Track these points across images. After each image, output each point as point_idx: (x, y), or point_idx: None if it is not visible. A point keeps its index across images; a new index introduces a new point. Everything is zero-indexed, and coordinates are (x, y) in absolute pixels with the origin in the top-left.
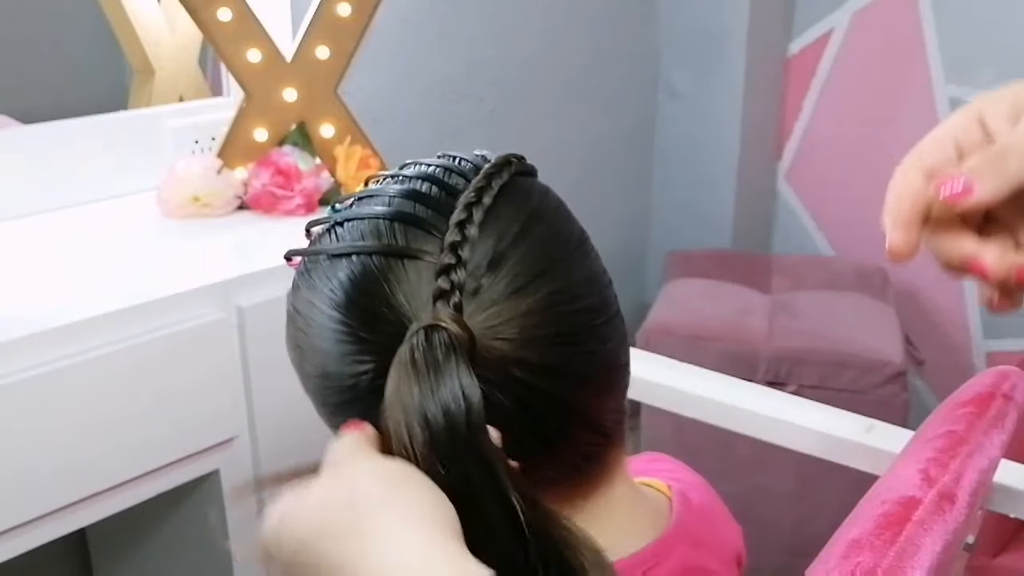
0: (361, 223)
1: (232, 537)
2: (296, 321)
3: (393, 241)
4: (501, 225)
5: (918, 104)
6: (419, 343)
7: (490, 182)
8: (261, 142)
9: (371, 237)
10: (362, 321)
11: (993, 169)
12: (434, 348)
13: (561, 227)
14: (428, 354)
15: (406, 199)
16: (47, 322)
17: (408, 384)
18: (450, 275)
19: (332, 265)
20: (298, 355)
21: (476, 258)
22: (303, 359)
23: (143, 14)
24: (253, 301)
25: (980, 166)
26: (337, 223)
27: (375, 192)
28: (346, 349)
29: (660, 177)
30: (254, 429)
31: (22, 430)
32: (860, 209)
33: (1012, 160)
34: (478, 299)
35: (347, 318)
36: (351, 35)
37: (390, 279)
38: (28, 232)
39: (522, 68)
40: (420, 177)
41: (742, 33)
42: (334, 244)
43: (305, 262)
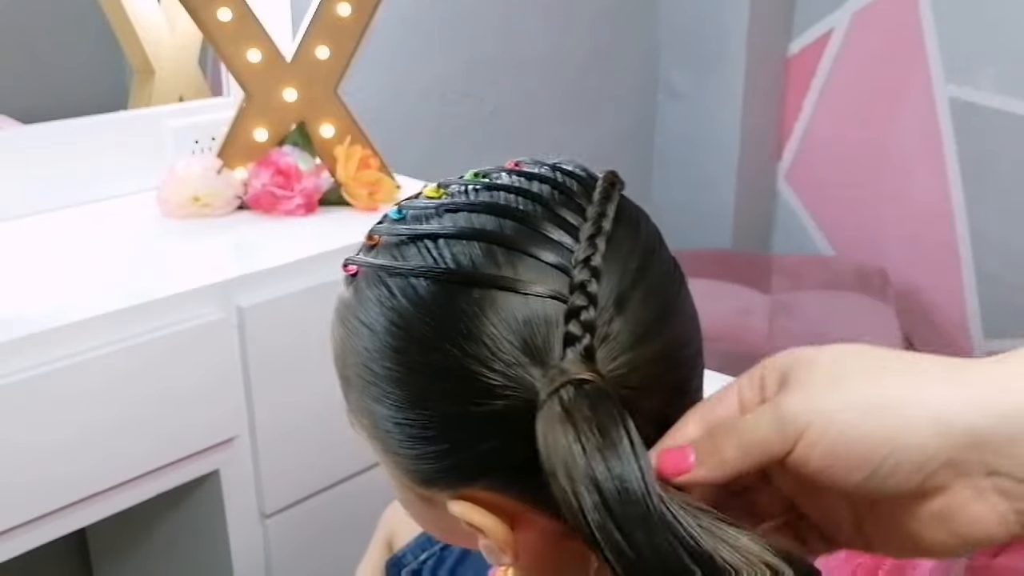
0: (468, 245)
1: (232, 537)
2: (367, 340)
3: (509, 271)
4: (622, 261)
5: (918, 104)
6: (569, 398)
7: (606, 209)
8: (261, 142)
9: (487, 264)
10: (477, 359)
11: (708, 450)
12: (591, 403)
13: (668, 259)
14: (584, 410)
15: (512, 220)
16: (47, 322)
17: (568, 445)
18: (580, 317)
19: (428, 286)
20: (364, 375)
21: (602, 299)
22: (371, 382)
23: (143, 14)
24: (253, 301)
25: (699, 450)
26: (427, 236)
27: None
28: (450, 387)
29: (660, 177)
30: (254, 429)
31: (22, 430)
32: (860, 209)
33: (727, 449)
34: (607, 346)
35: (454, 352)
36: (351, 35)
37: (504, 313)
38: (28, 232)
39: (522, 68)
40: (518, 192)
41: (742, 33)
42: (427, 261)
43: (379, 274)
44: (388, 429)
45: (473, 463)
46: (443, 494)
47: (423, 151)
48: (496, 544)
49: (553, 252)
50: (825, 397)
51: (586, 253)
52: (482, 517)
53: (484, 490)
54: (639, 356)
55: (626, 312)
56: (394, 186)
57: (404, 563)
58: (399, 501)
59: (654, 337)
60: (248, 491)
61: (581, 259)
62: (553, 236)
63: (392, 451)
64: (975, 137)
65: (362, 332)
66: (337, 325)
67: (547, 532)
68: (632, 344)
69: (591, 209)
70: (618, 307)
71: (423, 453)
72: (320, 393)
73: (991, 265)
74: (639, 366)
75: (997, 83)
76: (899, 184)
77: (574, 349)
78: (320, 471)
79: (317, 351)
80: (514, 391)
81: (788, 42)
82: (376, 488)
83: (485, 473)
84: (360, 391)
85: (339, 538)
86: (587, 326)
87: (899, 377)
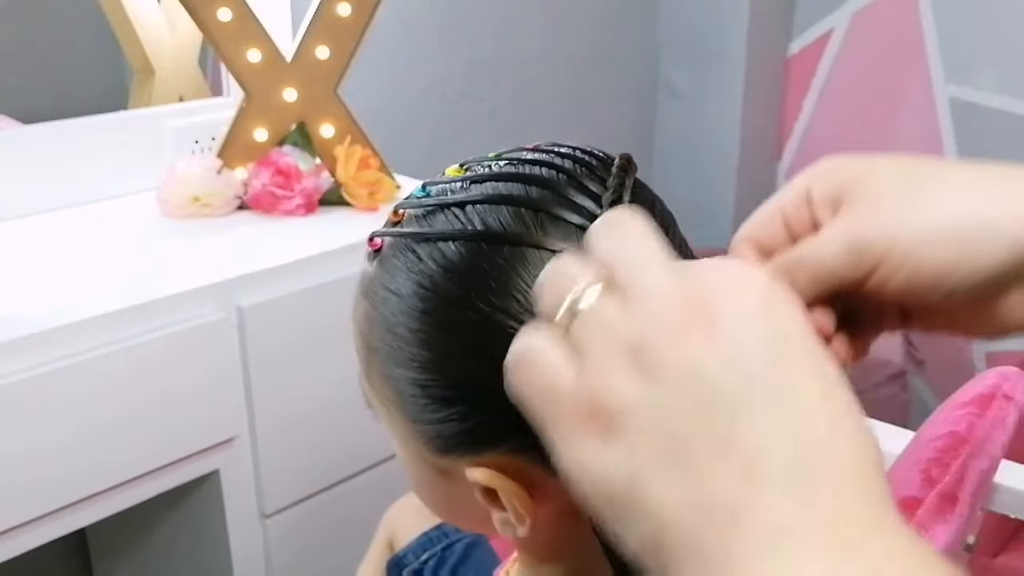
0: (495, 208)
1: (232, 537)
2: (394, 305)
3: (540, 231)
4: None
5: (918, 104)
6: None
7: (624, 180)
8: (261, 142)
9: (515, 223)
10: (506, 312)
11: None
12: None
13: (682, 239)
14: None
15: (538, 186)
16: (47, 322)
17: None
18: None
19: (458, 248)
20: (390, 342)
21: None
22: (397, 347)
23: (143, 14)
24: (253, 301)
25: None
26: (455, 204)
27: (493, 175)
28: (477, 341)
29: (660, 177)
30: (254, 429)
31: (22, 430)
32: None
33: (799, 278)
34: None
35: (484, 307)
36: (351, 35)
37: (531, 270)
38: (28, 232)
39: (522, 68)
40: (541, 164)
41: (742, 33)
42: (456, 226)
43: (406, 242)
44: (413, 394)
45: (498, 423)
46: (463, 461)
47: (423, 151)
48: (514, 513)
49: (578, 215)
50: (898, 221)
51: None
52: (504, 482)
53: (505, 455)
54: None
55: None
56: (394, 186)
57: (405, 563)
58: (413, 483)
59: None
60: (248, 491)
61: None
62: (577, 200)
63: (414, 419)
64: (975, 137)
65: (389, 299)
66: (360, 300)
67: (562, 508)
68: None
69: (611, 180)
70: None
71: (447, 416)
72: (320, 393)
73: None
74: None
75: (997, 83)
76: None
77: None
78: (320, 471)
79: (317, 351)
80: None
81: (788, 42)
82: (376, 488)
83: (509, 434)
84: (384, 358)
85: (339, 538)
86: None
87: (963, 194)
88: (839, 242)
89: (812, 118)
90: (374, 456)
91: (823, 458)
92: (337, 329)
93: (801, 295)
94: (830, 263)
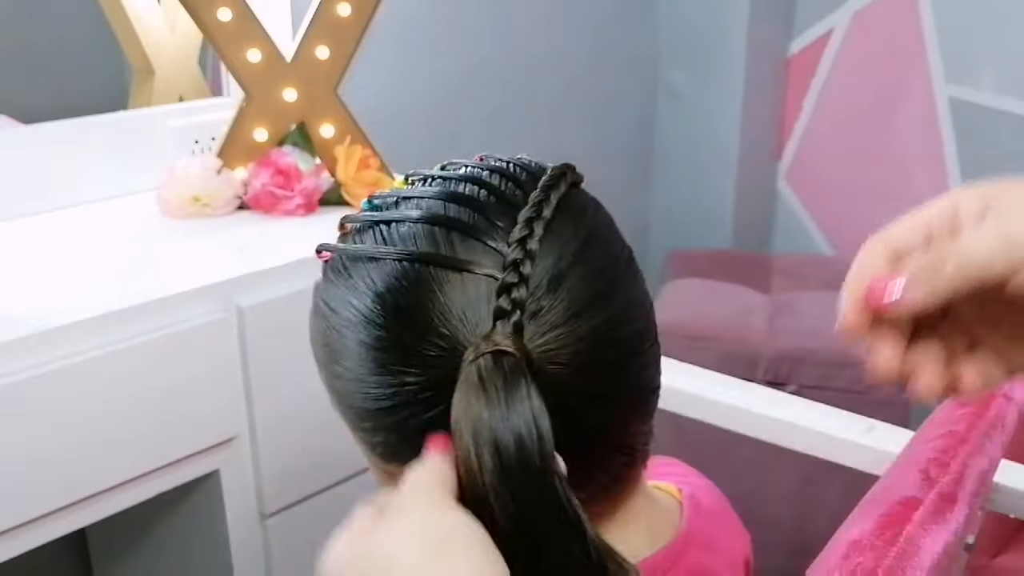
0: (413, 227)
1: (232, 537)
2: (329, 319)
3: (450, 251)
4: (560, 243)
5: (918, 104)
6: (486, 366)
7: (548, 195)
8: (261, 142)
9: (426, 243)
10: (412, 332)
11: (927, 276)
12: (503, 372)
13: (614, 246)
14: (497, 378)
15: (459, 205)
16: (47, 322)
17: (478, 409)
18: (511, 294)
19: (378, 267)
20: (327, 354)
21: (536, 278)
22: (333, 359)
23: (143, 14)
24: (253, 301)
25: (916, 272)
26: (383, 222)
27: (422, 193)
28: (390, 358)
29: (660, 177)
30: (254, 429)
31: (22, 430)
32: (860, 209)
33: (947, 268)
34: (537, 321)
35: (395, 326)
36: (351, 35)
37: (445, 290)
38: (28, 232)
39: (522, 68)
40: (469, 180)
41: (742, 33)
42: (380, 244)
43: (342, 258)
44: (350, 403)
45: (420, 434)
46: (404, 469)
47: (423, 151)
48: None
49: (495, 235)
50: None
51: (521, 234)
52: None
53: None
54: (570, 333)
55: (560, 291)
56: (394, 186)
57: None
58: (377, 484)
59: (587, 316)
60: (248, 491)
61: (516, 240)
62: (497, 221)
63: (356, 427)
64: (975, 137)
65: (326, 313)
66: (311, 311)
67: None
68: (564, 321)
69: (533, 195)
70: (552, 285)
71: (378, 426)
72: (320, 393)
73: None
74: (570, 343)
75: (997, 83)
76: (899, 184)
77: (504, 323)
78: (320, 471)
79: None
80: (449, 362)
81: (788, 42)
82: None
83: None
84: (325, 368)
85: None
86: (517, 303)
87: None
88: (990, 236)
89: (812, 118)
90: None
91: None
92: None
93: (947, 284)
94: (982, 253)
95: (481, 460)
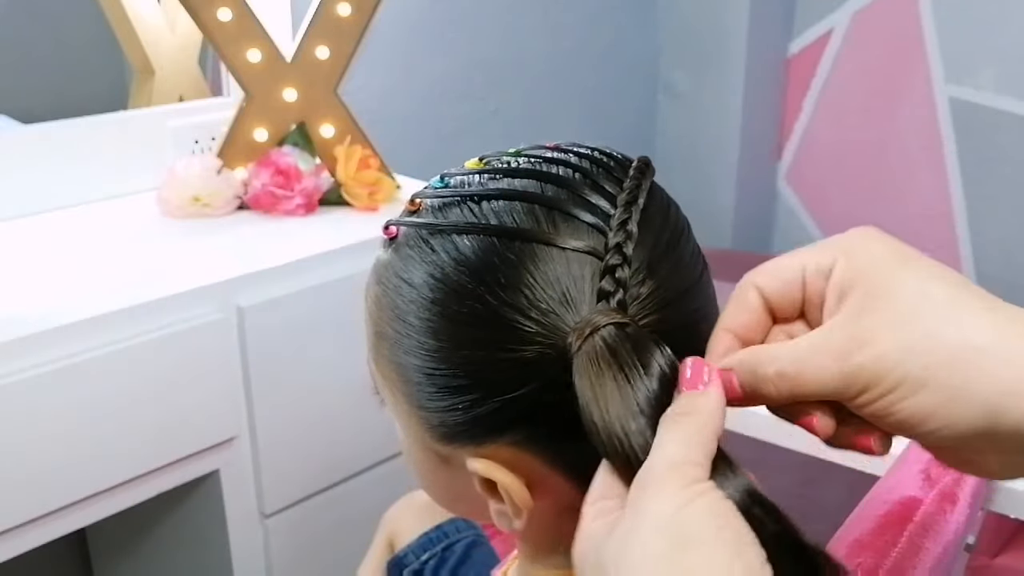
0: (509, 203)
1: (232, 537)
2: (405, 294)
3: (552, 228)
4: (654, 232)
5: (918, 104)
6: (611, 335)
7: (641, 183)
8: (261, 142)
9: (527, 219)
10: (511, 307)
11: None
12: (631, 341)
13: (695, 244)
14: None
15: (555, 185)
16: (47, 322)
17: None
18: (615, 274)
19: (473, 241)
20: (398, 329)
21: (635, 262)
22: (405, 335)
23: (143, 14)
24: (253, 301)
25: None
26: (471, 198)
27: (512, 172)
28: (482, 333)
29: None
30: (254, 429)
31: (22, 430)
32: (860, 209)
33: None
34: (638, 304)
35: (492, 301)
36: (351, 35)
37: (546, 266)
38: (28, 232)
39: (522, 68)
40: (559, 163)
41: (742, 33)
42: (470, 220)
43: (421, 233)
44: (419, 381)
45: (501, 413)
46: (464, 451)
47: (423, 151)
48: (511, 506)
49: (591, 214)
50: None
51: (622, 217)
52: (502, 475)
53: (507, 446)
54: (666, 319)
55: (655, 278)
56: (394, 186)
57: (406, 563)
58: (414, 470)
59: (680, 306)
60: (248, 491)
61: (618, 222)
62: (592, 200)
63: (420, 405)
64: (975, 137)
65: (401, 287)
66: (373, 285)
67: (561, 502)
68: (660, 307)
69: (628, 182)
70: (650, 271)
71: (452, 404)
72: (320, 393)
73: (991, 265)
74: (666, 330)
75: (997, 83)
76: (899, 184)
77: (607, 303)
78: (320, 471)
79: (317, 351)
80: (547, 339)
81: (788, 42)
82: (376, 488)
83: (512, 426)
84: (393, 344)
85: (339, 538)
86: (621, 283)
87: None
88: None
89: (812, 118)
90: (374, 456)
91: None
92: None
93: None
94: (817, 381)
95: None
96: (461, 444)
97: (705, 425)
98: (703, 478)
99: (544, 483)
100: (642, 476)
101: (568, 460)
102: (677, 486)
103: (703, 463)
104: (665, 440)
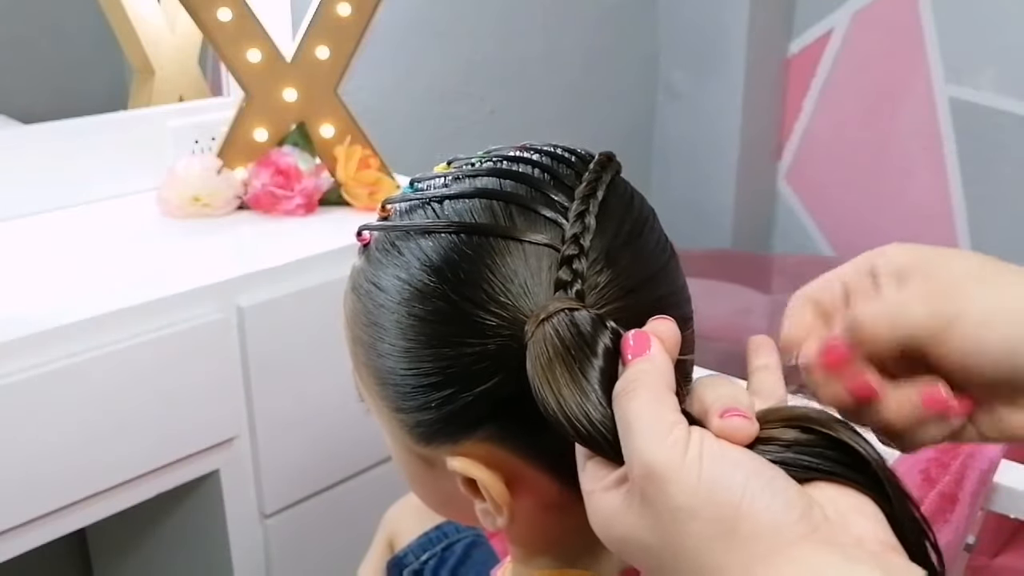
0: (469, 201)
1: (232, 537)
2: (376, 298)
3: (509, 222)
4: (614, 223)
5: (918, 104)
6: (560, 321)
7: (600, 176)
8: (261, 142)
9: (484, 215)
10: (472, 302)
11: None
12: (580, 323)
13: (660, 234)
14: (573, 330)
15: (514, 181)
16: (47, 322)
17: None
18: (572, 265)
19: (434, 240)
20: (372, 334)
21: (593, 252)
22: (378, 338)
23: (143, 14)
24: (253, 301)
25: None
26: (435, 200)
27: (473, 173)
28: (447, 330)
29: (659, 177)
30: (254, 429)
31: (22, 430)
32: (860, 209)
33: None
34: (596, 293)
35: (453, 297)
36: (351, 35)
37: (505, 260)
38: (28, 232)
39: (522, 68)
40: (520, 161)
41: (742, 33)
42: (431, 220)
43: (389, 237)
44: (394, 383)
45: (472, 408)
46: (443, 450)
47: (423, 151)
48: (491, 502)
49: (550, 208)
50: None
51: (579, 209)
52: (480, 471)
53: (482, 442)
54: (629, 307)
55: (615, 267)
56: (394, 186)
57: (406, 563)
58: (404, 475)
59: (643, 293)
60: (248, 491)
61: (575, 214)
62: (551, 194)
63: (397, 407)
64: (975, 137)
65: (372, 292)
66: (349, 293)
67: (544, 499)
68: (622, 295)
69: (587, 175)
70: (608, 261)
71: (425, 403)
72: (320, 393)
73: None
74: (626, 317)
75: (997, 83)
76: (899, 184)
77: (564, 293)
78: (320, 471)
79: (317, 351)
80: (508, 330)
81: (788, 42)
82: (376, 488)
83: (484, 420)
84: (369, 349)
85: (339, 538)
86: (578, 273)
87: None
88: (918, 300)
89: (812, 118)
90: (374, 456)
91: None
92: (337, 329)
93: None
94: (912, 316)
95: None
96: (440, 443)
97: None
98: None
99: (523, 479)
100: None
101: (543, 454)
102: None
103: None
104: (631, 417)
